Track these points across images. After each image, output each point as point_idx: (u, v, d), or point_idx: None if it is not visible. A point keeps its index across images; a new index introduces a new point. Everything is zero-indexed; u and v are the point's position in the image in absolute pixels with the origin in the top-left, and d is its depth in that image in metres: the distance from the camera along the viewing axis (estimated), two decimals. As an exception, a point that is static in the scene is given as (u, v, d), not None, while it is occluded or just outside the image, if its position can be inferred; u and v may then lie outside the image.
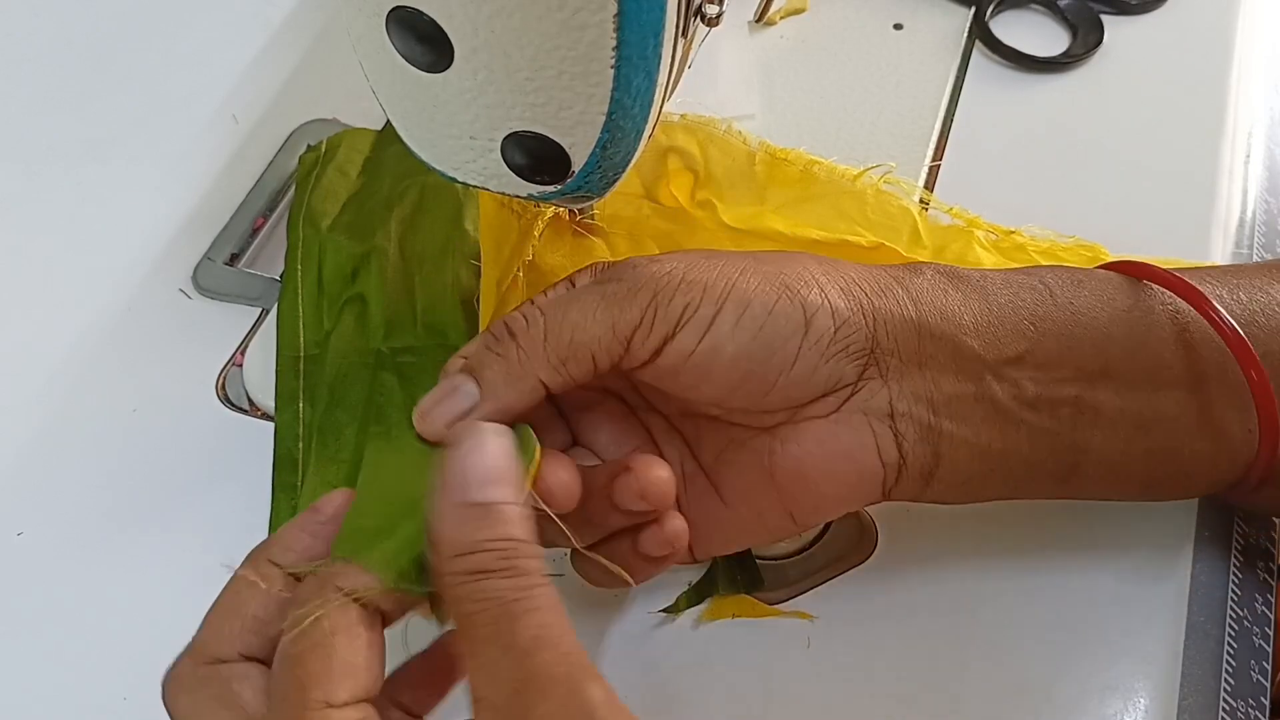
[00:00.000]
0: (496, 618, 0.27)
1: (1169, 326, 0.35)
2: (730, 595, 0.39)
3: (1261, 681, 0.36)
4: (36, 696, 0.38)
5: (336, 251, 0.46)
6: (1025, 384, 0.34)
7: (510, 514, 0.28)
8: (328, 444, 0.42)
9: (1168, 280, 0.35)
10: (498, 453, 0.29)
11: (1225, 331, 0.34)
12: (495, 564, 0.27)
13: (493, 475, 0.29)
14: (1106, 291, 0.35)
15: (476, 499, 0.28)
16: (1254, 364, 0.34)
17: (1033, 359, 0.34)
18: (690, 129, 0.46)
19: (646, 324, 0.32)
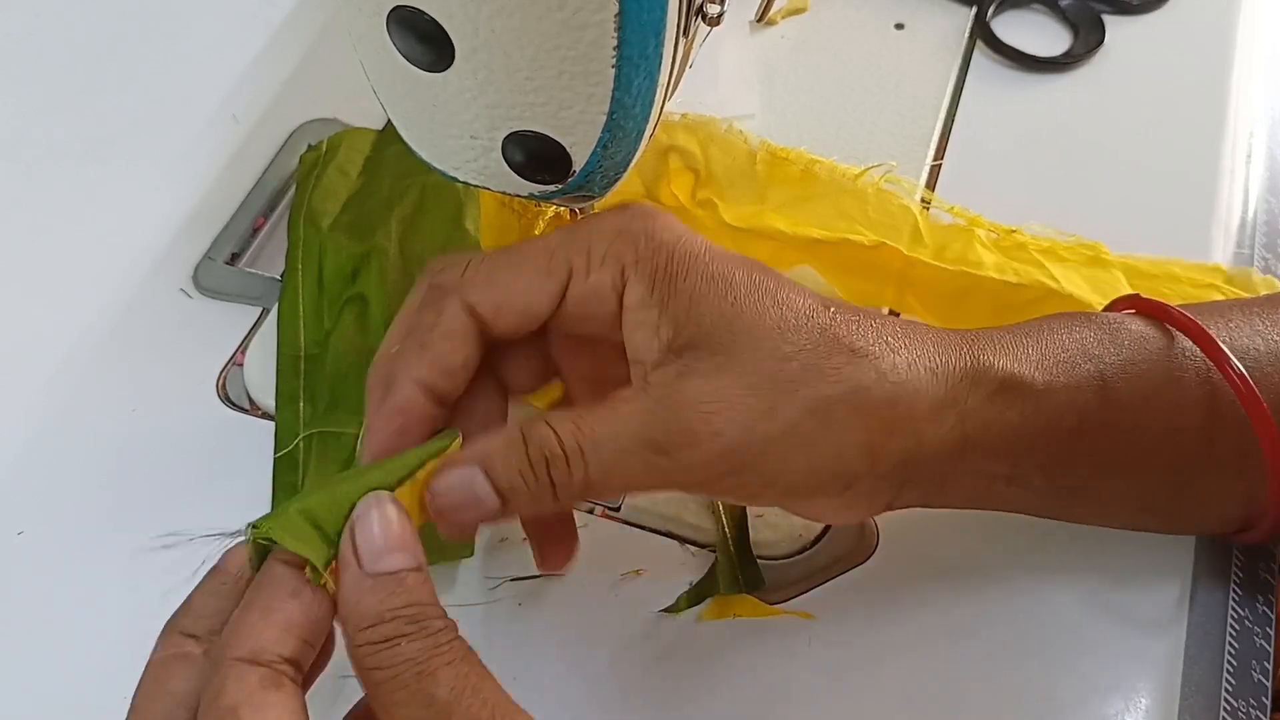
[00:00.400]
0: (414, 678, 0.27)
1: (1197, 397, 0.35)
2: (730, 595, 0.39)
3: (1262, 682, 0.36)
4: (36, 696, 0.38)
5: (337, 251, 0.46)
6: (1036, 478, 0.35)
7: (414, 580, 0.28)
8: (328, 444, 0.42)
9: (1187, 327, 0.35)
10: (395, 521, 0.29)
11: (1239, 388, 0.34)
12: (405, 629, 0.27)
13: (394, 544, 0.28)
14: (1148, 365, 0.35)
15: (380, 570, 0.28)
16: (1266, 422, 0.34)
17: (1056, 463, 0.34)
18: (691, 128, 0.46)
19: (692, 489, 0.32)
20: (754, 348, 0.31)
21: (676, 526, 0.41)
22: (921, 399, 0.32)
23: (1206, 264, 0.46)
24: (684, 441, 0.30)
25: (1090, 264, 0.44)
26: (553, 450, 0.30)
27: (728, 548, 0.39)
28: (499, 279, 0.32)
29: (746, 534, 0.40)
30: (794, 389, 0.31)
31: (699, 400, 0.30)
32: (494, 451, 0.30)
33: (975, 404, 0.33)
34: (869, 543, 0.40)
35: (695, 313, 0.31)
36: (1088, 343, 0.35)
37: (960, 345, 0.34)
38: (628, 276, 0.32)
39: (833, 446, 0.31)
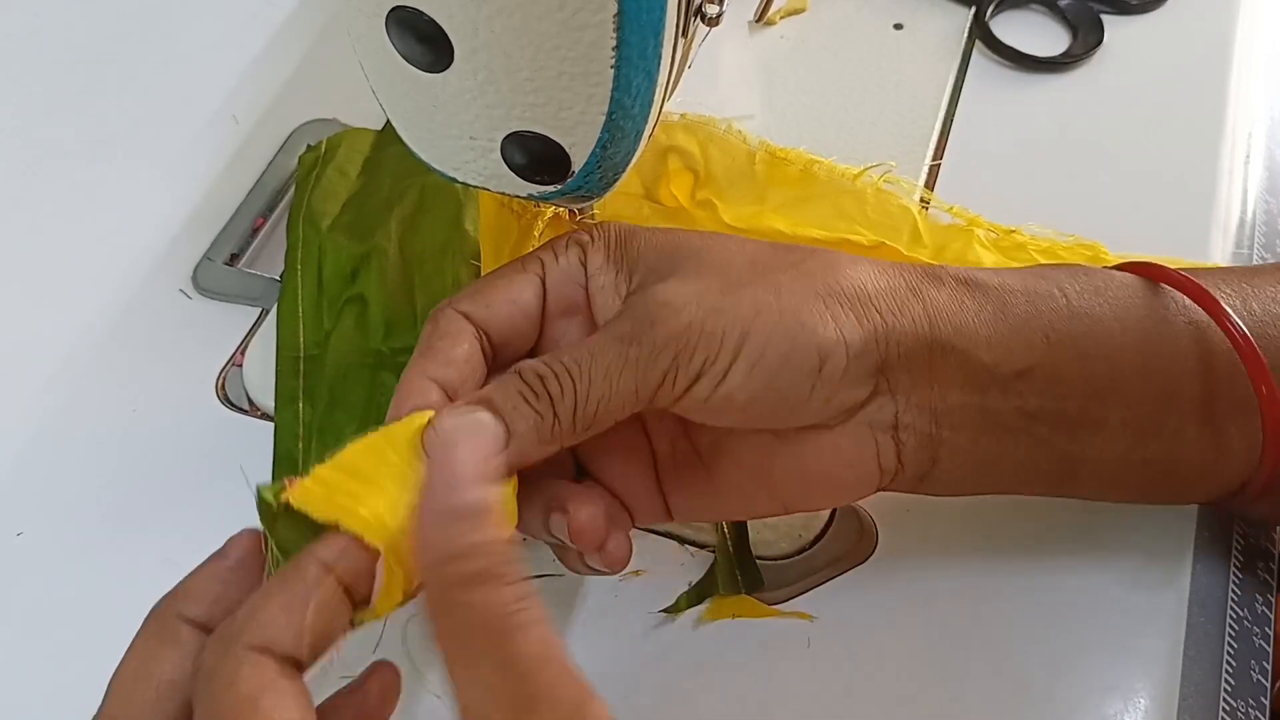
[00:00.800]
0: (496, 631, 0.25)
1: (1184, 337, 0.35)
2: (730, 595, 0.39)
3: (1261, 681, 0.36)
4: (36, 696, 0.38)
5: (336, 251, 0.46)
6: (1030, 397, 0.34)
7: (499, 520, 0.26)
8: (328, 444, 0.42)
9: (1183, 284, 0.35)
10: (493, 448, 0.28)
11: (1239, 343, 0.34)
12: (492, 570, 0.25)
13: (487, 473, 0.27)
14: (1125, 300, 0.35)
15: (470, 500, 0.26)
16: (1265, 378, 0.34)
17: (1042, 372, 0.34)
18: (690, 129, 0.46)
19: (668, 384, 0.32)
20: (700, 259, 0.34)
21: (676, 527, 0.41)
22: (872, 282, 0.33)
23: (1205, 264, 0.46)
24: (647, 324, 0.32)
25: (1089, 263, 0.44)
26: (542, 369, 0.32)
27: (727, 548, 0.39)
28: (483, 285, 0.35)
29: (746, 534, 0.40)
30: (744, 278, 0.33)
31: (654, 294, 0.32)
32: (490, 389, 0.32)
33: (933, 293, 0.34)
34: (868, 543, 0.40)
35: (646, 258, 0.34)
36: (1042, 268, 0.36)
37: (905, 264, 0.35)
38: (588, 252, 0.35)
39: (790, 312, 0.32)
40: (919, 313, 0.33)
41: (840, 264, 0.34)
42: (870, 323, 0.33)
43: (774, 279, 0.33)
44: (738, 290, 0.32)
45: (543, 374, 0.31)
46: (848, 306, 0.33)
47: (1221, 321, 0.34)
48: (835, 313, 0.33)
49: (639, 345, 0.32)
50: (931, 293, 0.34)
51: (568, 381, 0.31)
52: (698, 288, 0.32)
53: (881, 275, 0.34)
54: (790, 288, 0.33)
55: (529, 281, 0.35)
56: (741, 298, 0.32)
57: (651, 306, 0.32)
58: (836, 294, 0.33)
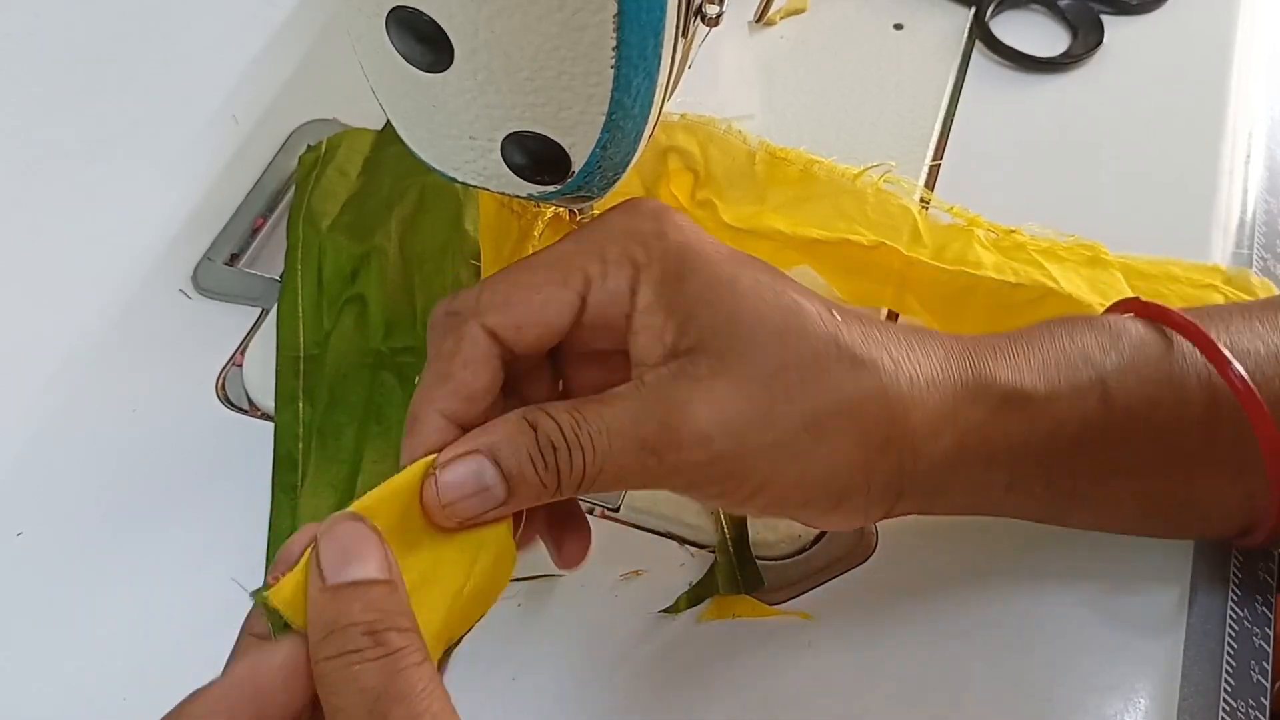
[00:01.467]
0: (365, 710, 0.25)
1: (1197, 398, 0.34)
2: (730, 595, 0.39)
3: (1261, 682, 0.36)
4: (36, 696, 0.38)
5: (336, 252, 0.46)
6: (1037, 488, 0.35)
7: (379, 592, 0.27)
8: (327, 444, 0.42)
9: (1187, 329, 0.35)
10: (359, 536, 0.28)
11: (1242, 395, 0.34)
12: (360, 642, 0.26)
13: (356, 553, 0.27)
14: (1150, 369, 0.34)
15: (342, 580, 0.27)
16: (1268, 429, 0.34)
17: (1057, 471, 0.34)
18: (690, 129, 0.46)
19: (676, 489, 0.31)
20: (753, 354, 0.31)
21: (676, 527, 0.41)
22: (919, 413, 0.32)
23: (1205, 264, 0.46)
24: (672, 443, 0.30)
25: (1089, 264, 0.44)
26: (558, 439, 0.30)
27: (727, 548, 0.39)
28: (516, 298, 0.32)
29: (746, 535, 0.40)
30: (789, 399, 0.30)
31: (689, 404, 0.30)
32: (500, 441, 0.30)
33: (975, 417, 0.33)
34: (868, 543, 0.40)
35: (698, 316, 0.31)
36: (1089, 348, 0.35)
37: (963, 356, 0.33)
38: (640, 279, 0.31)
39: (825, 460, 0.31)
40: (952, 443, 0.32)
41: (896, 379, 0.32)
42: (899, 463, 0.32)
43: (821, 409, 0.31)
44: (779, 423, 0.30)
45: (556, 445, 0.30)
46: (884, 445, 0.31)
47: (1224, 371, 0.34)
48: (870, 461, 0.31)
49: (658, 460, 0.30)
50: (972, 415, 0.33)
51: (579, 459, 0.30)
52: (740, 407, 0.30)
53: (928, 392, 0.32)
54: (833, 426, 0.31)
55: (568, 301, 0.32)
56: (781, 438, 0.30)
57: (683, 425, 0.30)
58: (878, 435, 0.31)
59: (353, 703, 0.25)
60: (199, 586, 0.39)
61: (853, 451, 0.31)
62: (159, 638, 0.39)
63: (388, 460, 0.41)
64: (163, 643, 0.38)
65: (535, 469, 0.30)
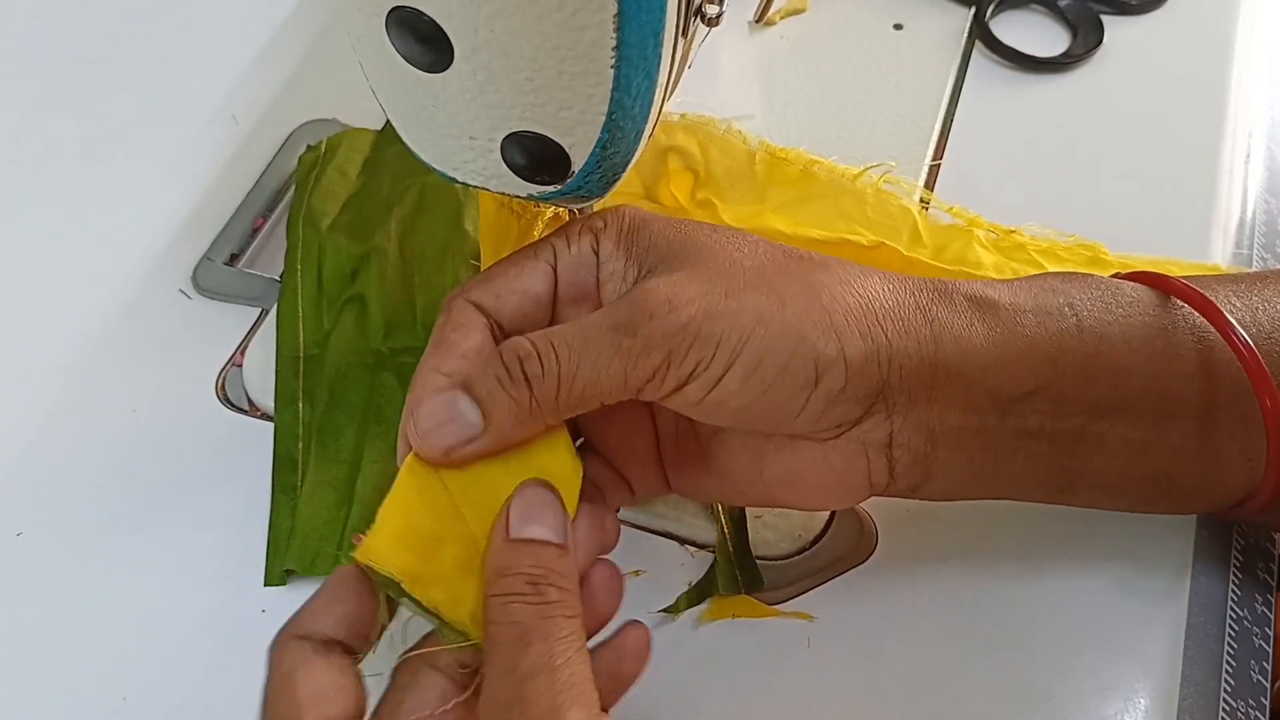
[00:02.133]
0: (512, 641, 0.29)
1: (1190, 353, 0.34)
2: (730, 595, 0.39)
3: (1261, 681, 0.36)
4: (36, 696, 0.38)
5: (336, 251, 0.46)
6: (1031, 417, 0.34)
7: (550, 552, 0.31)
8: (327, 444, 0.42)
9: (1189, 295, 0.35)
10: (548, 501, 0.32)
11: (1243, 355, 0.34)
12: (522, 588, 0.30)
13: (537, 516, 0.31)
14: (1133, 316, 0.35)
15: (520, 535, 0.31)
16: (1270, 390, 0.33)
17: (1045, 395, 0.34)
18: (690, 129, 0.46)
19: (658, 379, 0.32)
20: (709, 257, 0.33)
21: (676, 527, 0.41)
22: (881, 299, 0.33)
23: (1205, 264, 0.46)
24: (645, 317, 0.32)
25: (1089, 264, 0.45)
26: (525, 349, 0.32)
27: (726, 548, 0.39)
28: (494, 272, 0.35)
29: (745, 534, 0.40)
30: (747, 279, 0.33)
31: (656, 288, 0.32)
32: (471, 368, 0.32)
33: (942, 314, 0.33)
34: (868, 543, 0.40)
35: (656, 247, 0.34)
36: (1054, 281, 0.35)
37: (917, 277, 0.35)
38: (600, 239, 0.35)
39: (792, 324, 0.32)
40: (925, 335, 0.33)
41: (850, 277, 0.33)
42: (874, 342, 0.32)
43: (781, 287, 0.32)
44: (741, 294, 0.32)
45: (523, 355, 0.32)
46: (853, 322, 0.32)
47: (1226, 334, 0.34)
48: (840, 328, 0.32)
49: (632, 336, 0.31)
50: (940, 313, 0.33)
51: (551, 363, 0.32)
52: (702, 287, 0.32)
53: (891, 292, 0.33)
54: (796, 298, 0.32)
55: (540, 270, 0.35)
56: (744, 303, 0.32)
57: (651, 299, 0.32)
58: (843, 309, 0.32)
59: (505, 632, 0.29)
60: (199, 586, 0.39)
61: (817, 315, 0.32)
62: (159, 638, 0.39)
63: (388, 460, 0.41)
64: (163, 643, 0.38)
65: (501, 384, 0.32)
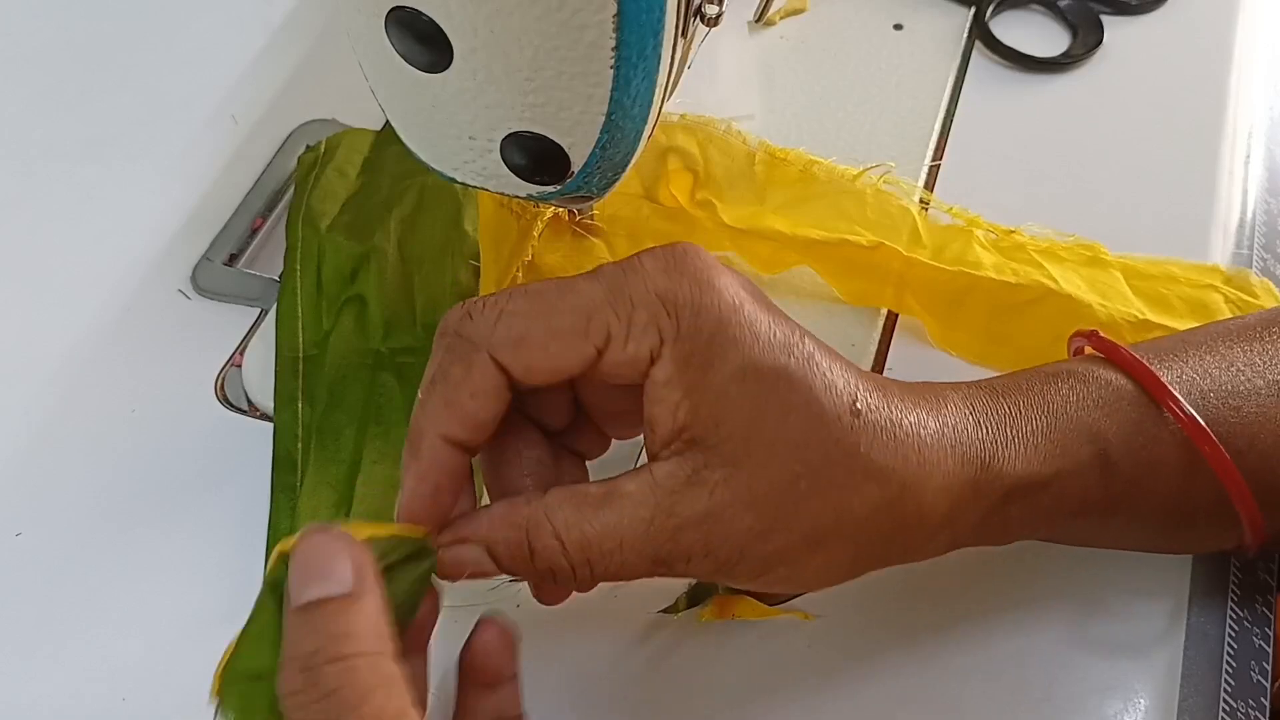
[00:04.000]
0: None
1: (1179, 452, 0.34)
2: (730, 595, 0.39)
3: (1261, 682, 0.36)
4: (36, 696, 0.38)
5: (336, 252, 0.46)
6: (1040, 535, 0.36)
7: (324, 613, 0.27)
8: (327, 445, 0.42)
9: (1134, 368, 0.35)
10: (319, 545, 0.28)
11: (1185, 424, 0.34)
12: (322, 674, 0.26)
13: (313, 573, 0.27)
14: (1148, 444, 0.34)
15: (302, 601, 0.27)
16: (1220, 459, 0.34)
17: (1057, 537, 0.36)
18: (690, 129, 0.46)
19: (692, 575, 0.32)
20: (766, 464, 0.30)
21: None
22: (922, 527, 0.32)
23: (1205, 264, 0.46)
24: (681, 559, 0.31)
25: (1089, 264, 0.44)
26: (560, 563, 0.31)
27: (727, 548, 0.39)
28: (533, 339, 0.31)
29: (745, 534, 0.40)
30: (796, 513, 0.31)
31: (699, 522, 0.30)
32: (499, 543, 0.31)
33: (975, 515, 0.33)
34: (868, 543, 0.40)
35: (715, 410, 0.30)
36: (1093, 420, 0.34)
37: (976, 443, 0.33)
38: (664, 351, 0.30)
39: (819, 566, 0.32)
40: (944, 542, 0.34)
41: (903, 517, 0.32)
42: (890, 559, 0.34)
43: (820, 533, 0.31)
44: (783, 533, 0.31)
45: (556, 568, 0.31)
46: (882, 555, 0.33)
47: (1170, 408, 0.34)
48: (860, 561, 0.33)
49: (667, 568, 0.31)
50: (969, 514, 0.33)
51: (584, 571, 0.31)
52: (743, 515, 0.30)
53: (937, 496, 0.32)
54: (833, 548, 0.32)
55: (585, 354, 0.31)
56: (780, 548, 0.31)
57: (688, 540, 0.31)
58: (878, 552, 0.33)
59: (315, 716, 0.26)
60: (199, 586, 0.39)
61: (845, 561, 0.32)
62: (159, 638, 0.39)
63: (387, 460, 0.41)
64: (162, 643, 0.38)
65: (532, 578, 0.32)
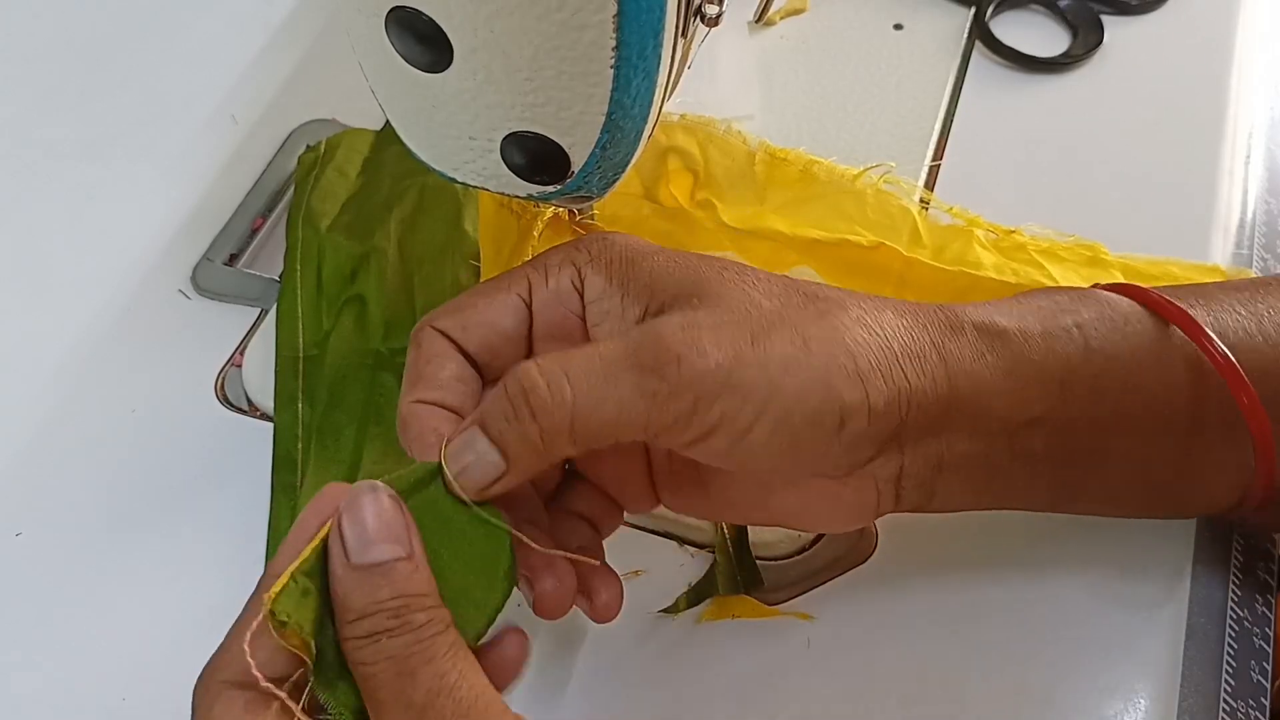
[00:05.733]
0: (394, 676, 0.27)
1: (1180, 365, 0.34)
2: (729, 596, 0.39)
3: (1261, 682, 0.36)
4: (36, 696, 0.38)
5: (336, 252, 0.46)
6: (1037, 439, 0.34)
7: (402, 571, 0.28)
8: (327, 445, 0.42)
9: (1164, 307, 0.35)
10: (380, 511, 0.29)
11: (1218, 362, 0.34)
12: (388, 624, 0.27)
13: (381, 533, 0.28)
14: (1136, 335, 0.35)
15: (366, 561, 0.28)
16: (1247, 391, 0.34)
17: (1052, 419, 0.34)
18: (690, 129, 0.46)
19: (680, 426, 0.31)
20: (726, 299, 0.32)
21: (675, 527, 0.41)
22: (898, 338, 0.32)
23: (1205, 264, 0.46)
24: (671, 359, 0.30)
25: (1089, 264, 0.44)
26: (530, 380, 0.30)
27: (726, 548, 0.39)
28: (464, 303, 0.34)
29: (745, 535, 0.40)
30: (772, 324, 0.31)
31: (681, 328, 0.30)
32: (453, 396, 0.32)
33: (954, 348, 0.33)
34: (868, 544, 0.40)
35: (660, 285, 0.32)
36: (1061, 301, 0.35)
37: (928, 306, 0.34)
38: (585, 274, 0.33)
39: (821, 372, 0.31)
40: (940, 373, 0.32)
41: (868, 316, 0.33)
42: (895, 385, 0.32)
43: (804, 330, 0.31)
44: (767, 339, 0.31)
45: (528, 387, 0.30)
46: (875, 365, 0.32)
47: (1202, 344, 0.34)
48: (864, 372, 0.31)
49: (659, 378, 0.30)
50: (952, 346, 0.33)
51: (563, 394, 0.30)
52: (728, 331, 0.31)
53: (907, 329, 0.33)
54: (820, 343, 0.31)
55: (510, 305, 0.33)
56: (771, 350, 0.31)
57: (676, 339, 0.30)
58: (865, 351, 0.32)
59: (383, 669, 0.27)
60: (198, 586, 0.39)
61: (843, 362, 0.31)
62: (158, 638, 0.39)
63: (387, 460, 0.41)
64: (162, 643, 0.38)
65: (509, 421, 0.30)
